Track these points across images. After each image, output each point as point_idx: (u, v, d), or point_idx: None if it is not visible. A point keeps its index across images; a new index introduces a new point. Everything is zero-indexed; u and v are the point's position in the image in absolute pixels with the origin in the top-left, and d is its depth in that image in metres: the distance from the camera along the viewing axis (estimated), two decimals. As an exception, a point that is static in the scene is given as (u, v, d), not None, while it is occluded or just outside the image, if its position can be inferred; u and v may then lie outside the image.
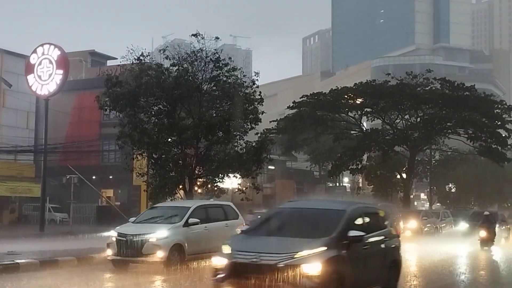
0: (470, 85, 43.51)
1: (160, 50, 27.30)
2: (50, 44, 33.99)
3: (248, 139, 26.93)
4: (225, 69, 26.00)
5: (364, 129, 46.32)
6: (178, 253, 16.02)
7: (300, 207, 11.72)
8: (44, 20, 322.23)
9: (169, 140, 26.26)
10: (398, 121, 45.17)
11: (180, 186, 26.10)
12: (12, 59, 43.11)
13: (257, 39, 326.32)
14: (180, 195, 26.28)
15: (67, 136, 45.89)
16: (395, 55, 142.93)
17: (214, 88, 26.16)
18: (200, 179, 26.98)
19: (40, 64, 33.50)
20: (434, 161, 56.54)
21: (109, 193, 48.32)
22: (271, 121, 42.86)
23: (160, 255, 15.51)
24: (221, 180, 26.78)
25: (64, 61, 33.45)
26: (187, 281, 13.81)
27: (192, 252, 16.49)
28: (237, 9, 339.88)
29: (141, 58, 25.79)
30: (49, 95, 33.22)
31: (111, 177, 45.28)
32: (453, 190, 65.39)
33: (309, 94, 44.15)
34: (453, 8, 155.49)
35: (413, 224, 34.28)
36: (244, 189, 27.56)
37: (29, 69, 34.07)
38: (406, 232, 33.30)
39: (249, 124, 26.04)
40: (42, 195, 33.32)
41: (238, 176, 27.99)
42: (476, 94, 42.72)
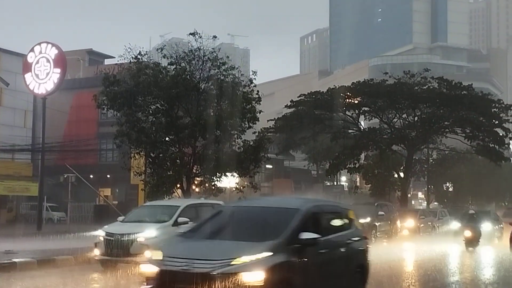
0: (467, 84, 43.52)
1: (157, 49, 27.30)
2: (48, 43, 33.94)
3: (246, 138, 26.95)
4: (223, 68, 26.00)
5: (362, 128, 46.33)
6: None
7: (248, 205, 10.45)
8: (41, 18, 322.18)
9: (166, 139, 26.28)
10: (395, 120, 45.20)
11: (178, 185, 26.12)
12: (9, 58, 43.03)
13: (255, 38, 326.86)
14: (178, 194, 26.29)
15: (64, 135, 45.88)
16: (393, 54, 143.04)
17: (212, 87, 26.15)
18: (197, 178, 27.00)
19: (37, 63, 33.44)
20: (431, 160, 56.54)
21: (107, 192, 48.31)
22: (268, 120, 42.87)
23: (148, 255, 15.25)
24: (218, 179, 26.78)
25: (61, 60, 33.41)
26: None
27: None
28: (235, 8, 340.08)
29: (139, 57, 25.79)
30: (46, 94, 33.17)
31: (108, 176, 45.28)
32: (450, 189, 65.38)
33: (307, 93, 44.19)
34: (450, 7, 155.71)
35: (410, 223, 34.30)
36: (242, 188, 27.57)
37: (27, 67, 34.01)
38: (403, 231, 33.38)
39: (246, 123, 26.07)
40: (39, 194, 33.29)
41: (236, 175, 27.99)
42: (473, 93, 42.75)
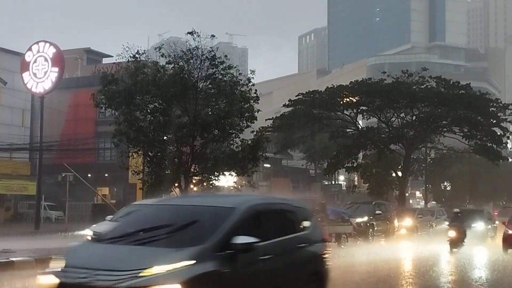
0: (465, 83, 43.54)
1: (155, 48, 27.30)
2: (46, 42, 33.96)
3: (244, 137, 26.96)
4: (221, 67, 26.00)
5: (360, 127, 46.35)
6: None
7: (174, 203, 8.81)
8: (39, 17, 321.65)
9: (164, 138, 26.29)
10: (393, 119, 45.22)
11: (176, 184, 26.11)
12: (7, 57, 42.99)
13: (253, 37, 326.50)
14: (176, 193, 26.28)
15: (62, 134, 45.83)
16: (391, 53, 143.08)
17: (210, 86, 26.17)
18: (195, 177, 26.99)
19: (35, 62, 33.46)
20: (429, 159, 56.57)
21: (105, 191, 48.28)
22: (266, 119, 42.88)
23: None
24: (216, 178, 26.79)
25: (59, 59, 33.43)
26: None
27: None
28: (233, 7, 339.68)
29: (137, 56, 25.79)
30: (44, 92, 33.17)
31: (106, 175, 45.29)
32: (448, 188, 65.42)
33: (305, 92, 44.17)
34: (448, 6, 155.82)
35: (408, 222, 34.35)
36: (240, 187, 27.59)
37: (25, 66, 34.01)
38: (401, 230, 33.42)
39: (244, 122, 26.07)
40: (37, 193, 33.29)
41: (234, 174, 28.00)
42: (471, 93, 42.79)
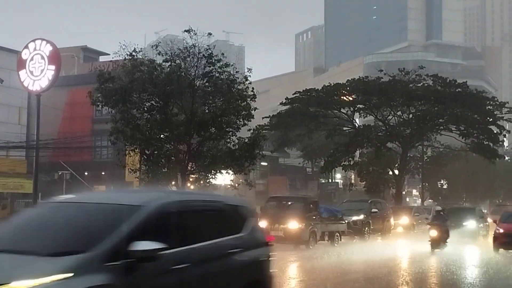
0: (462, 81, 43.60)
1: (152, 46, 27.30)
2: (42, 40, 33.85)
3: (241, 135, 26.95)
4: (218, 65, 26.00)
5: (357, 125, 46.36)
6: None
7: (77, 201, 7.03)
8: (36, 15, 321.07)
9: (161, 136, 26.26)
10: (390, 117, 45.25)
11: (173, 182, 26.10)
12: (3, 55, 42.83)
13: (250, 35, 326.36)
14: (173, 191, 26.29)
15: (59, 132, 45.72)
16: (388, 51, 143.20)
17: (207, 84, 26.16)
18: (192, 175, 26.99)
19: (32, 60, 33.35)
20: (426, 158, 56.66)
21: (102, 189, 48.10)
22: (263, 117, 42.87)
23: None
24: (213, 176, 26.81)
25: (56, 57, 33.32)
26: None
27: None
28: (230, 5, 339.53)
29: (134, 54, 25.78)
30: (41, 90, 33.08)
31: (103, 173, 45.18)
32: (444, 187, 65.53)
33: (301, 90, 44.16)
34: (445, 5, 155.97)
35: (405, 220, 34.37)
36: (237, 185, 27.59)
37: (21, 64, 33.90)
38: (398, 228, 33.44)
39: (241, 120, 26.08)
40: (34, 191, 33.20)
41: (231, 172, 28.01)
42: (468, 91, 42.83)
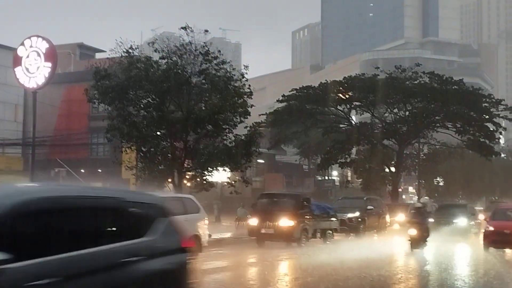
0: (458, 79, 43.64)
1: (149, 43, 27.23)
2: (38, 37, 33.73)
3: (237, 133, 26.93)
4: (214, 62, 25.96)
5: (353, 122, 46.40)
6: None
7: None
8: (32, 12, 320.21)
9: (158, 133, 26.23)
10: (386, 114, 45.29)
11: (169, 180, 26.08)
12: (-1, 52, 42.80)
13: (246, 32, 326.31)
14: (169, 188, 26.27)
15: (55, 129, 45.65)
16: (384, 49, 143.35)
17: (203, 81, 26.12)
18: (189, 173, 26.96)
19: (28, 57, 33.23)
20: (422, 155, 56.72)
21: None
22: (260, 115, 42.79)
23: None
24: (210, 174, 26.77)
25: (52, 54, 33.22)
26: None
27: None
28: (227, 2, 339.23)
29: (130, 51, 25.70)
30: (37, 87, 32.99)
31: (99, 170, 45.10)
32: (441, 184, 65.63)
33: (298, 88, 44.16)
34: (441, 2, 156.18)
35: (401, 217, 34.40)
36: (233, 182, 27.58)
37: (17, 61, 33.79)
38: (394, 225, 33.49)
39: (238, 117, 26.06)
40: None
41: (227, 169, 27.99)
42: (464, 88, 42.88)
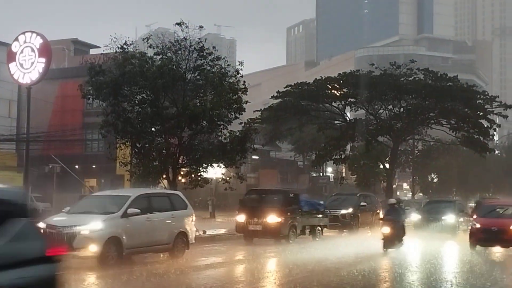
0: (453, 75, 43.67)
1: (143, 39, 27.13)
2: (32, 32, 33.62)
3: (232, 129, 26.92)
4: (209, 58, 25.90)
5: (348, 119, 46.40)
6: (115, 247, 14.80)
7: None
8: (26, 7, 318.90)
9: (152, 129, 26.18)
10: (381, 111, 45.29)
11: (164, 176, 26.07)
12: (-7, 47, 42.66)
13: (241, 28, 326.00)
14: (164, 184, 26.26)
15: (50, 125, 45.60)
16: (379, 45, 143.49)
17: (198, 77, 26.07)
18: (183, 169, 26.94)
19: (22, 52, 33.13)
20: (417, 151, 56.89)
21: (92, 182, 48.07)
22: (255, 111, 42.82)
23: (93, 249, 14.31)
24: (204, 170, 26.75)
25: (46, 49, 33.13)
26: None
27: (131, 246, 15.24)
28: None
29: (125, 46, 25.61)
30: (31, 83, 32.90)
31: (94, 166, 45.12)
32: (435, 180, 65.82)
33: (293, 84, 44.12)
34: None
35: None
36: (228, 179, 27.58)
37: (11, 57, 33.68)
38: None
39: (233, 113, 26.03)
40: (24, 184, 33.11)
41: (222, 165, 27.97)
42: (458, 85, 42.91)
